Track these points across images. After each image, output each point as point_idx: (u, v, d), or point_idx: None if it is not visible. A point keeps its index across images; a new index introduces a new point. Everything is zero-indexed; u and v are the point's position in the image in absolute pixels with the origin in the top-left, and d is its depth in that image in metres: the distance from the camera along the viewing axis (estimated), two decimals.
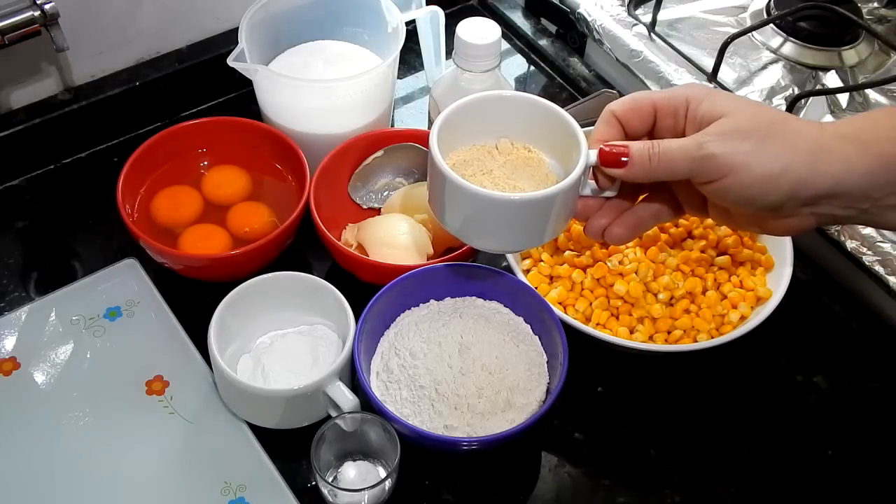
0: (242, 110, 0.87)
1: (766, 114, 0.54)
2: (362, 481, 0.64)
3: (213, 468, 0.66)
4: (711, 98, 0.55)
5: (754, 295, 0.71)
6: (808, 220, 0.56)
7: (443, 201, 0.60)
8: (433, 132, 0.59)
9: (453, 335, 0.67)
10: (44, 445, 0.67)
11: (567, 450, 0.69)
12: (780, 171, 0.53)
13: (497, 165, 0.63)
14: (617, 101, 0.58)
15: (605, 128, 0.58)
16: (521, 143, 0.64)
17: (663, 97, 0.57)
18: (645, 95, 0.57)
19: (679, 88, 0.57)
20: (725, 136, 0.53)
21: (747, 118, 0.53)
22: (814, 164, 0.53)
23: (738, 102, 0.55)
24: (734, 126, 0.53)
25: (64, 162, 0.87)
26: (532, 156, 0.63)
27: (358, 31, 0.87)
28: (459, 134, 0.62)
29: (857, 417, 0.72)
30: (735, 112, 0.54)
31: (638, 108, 0.57)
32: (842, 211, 0.54)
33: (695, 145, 0.53)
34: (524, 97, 0.63)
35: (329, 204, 0.77)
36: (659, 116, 0.57)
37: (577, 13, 0.95)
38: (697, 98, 0.55)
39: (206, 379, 0.71)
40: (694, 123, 0.55)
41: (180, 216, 0.78)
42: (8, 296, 0.76)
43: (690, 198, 0.59)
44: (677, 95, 0.56)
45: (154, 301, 0.76)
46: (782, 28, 0.90)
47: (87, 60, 0.86)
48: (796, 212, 0.55)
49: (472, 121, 0.62)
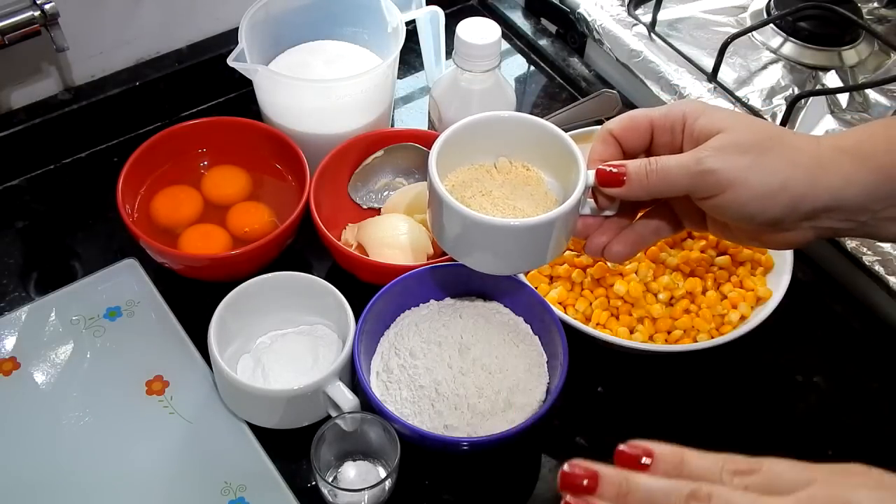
0: (242, 110, 0.87)
1: (764, 129, 0.54)
2: (362, 481, 0.64)
3: (213, 468, 0.66)
4: (708, 114, 0.55)
5: (754, 295, 0.71)
6: (807, 234, 0.56)
7: (442, 224, 0.61)
8: (432, 155, 0.60)
9: (453, 335, 0.67)
10: (44, 445, 0.67)
11: (567, 450, 0.69)
12: (779, 186, 0.53)
13: (496, 186, 0.63)
14: (613, 119, 0.58)
15: (603, 147, 0.58)
16: (519, 162, 0.64)
17: (660, 114, 0.57)
18: (641, 113, 0.58)
19: (675, 104, 0.57)
20: (723, 151, 0.53)
21: (745, 133, 0.53)
22: (812, 179, 0.53)
23: (736, 117, 0.55)
24: (732, 141, 0.53)
25: (64, 162, 0.87)
26: (531, 174, 0.64)
27: (358, 31, 0.87)
28: (458, 154, 0.63)
29: (857, 417, 0.72)
30: (733, 127, 0.54)
31: (635, 125, 0.57)
32: (841, 224, 0.54)
33: (693, 161, 0.53)
34: (522, 118, 0.64)
35: (329, 204, 0.77)
36: (656, 133, 0.57)
37: (577, 13, 0.95)
38: (694, 114, 0.55)
39: (206, 379, 0.71)
40: (691, 139, 0.55)
41: (180, 216, 0.78)
42: (8, 296, 0.76)
43: (689, 213, 0.59)
44: (674, 112, 0.56)
45: (154, 301, 0.76)
46: (782, 28, 0.90)
47: (87, 60, 0.86)
48: (795, 226, 0.55)
49: (470, 141, 0.63)
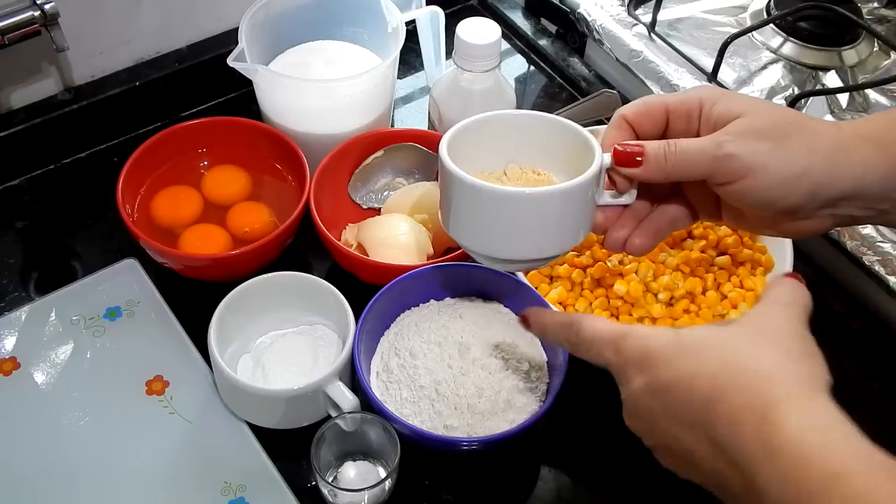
0: (242, 110, 0.87)
1: (783, 114, 0.53)
2: (362, 481, 0.64)
3: (213, 468, 0.66)
4: (726, 99, 0.54)
5: (754, 295, 0.71)
6: (825, 222, 0.55)
7: (453, 205, 0.57)
8: (443, 144, 0.57)
9: (453, 335, 0.67)
10: (44, 445, 0.67)
11: (567, 450, 0.69)
12: (800, 172, 0.52)
13: None
14: (628, 105, 0.57)
15: (616, 132, 0.57)
16: (529, 167, 0.61)
17: (676, 100, 0.56)
18: (657, 99, 0.56)
19: (691, 90, 0.56)
20: (743, 136, 0.52)
21: (764, 118, 0.52)
22: (833, 166, 0.52)
23: (754, 103, 0.54)
24: (752, 126, 0.52)
25: (64, 162, 0.87)
26: (541, 178, 0.61)
27: (358, 31, 0.87)
28: (466, 160, 0.59)
29: (857, 417, 0.72)
30: (751, 112, 0.53)
31: (649, 111, 0.56)
32: (860, 212, 0.54)
33: (713, 145, 0.52)
34: (530, 116, 0.61)
35: (329, 204, 0.77)
36: (671, 119, 0.56)
37: (577, 13, 0.95)
38: (711, 99, 0.54)
39: (206, 379, 0.71)
40: (708, 125, 0.54)
41: (180, 216, 0.78)
42: (8, 296, 0.76)
43: (704, 202, 0.58)
44: (690, 98, 0.55)
45: (154, 301, 0.76)
46: (782, 28, 0.90)
47: (87, 60, 0.86)
48: (814, 213, 0.54)
49: (478, 145, 0.60)
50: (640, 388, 0.48)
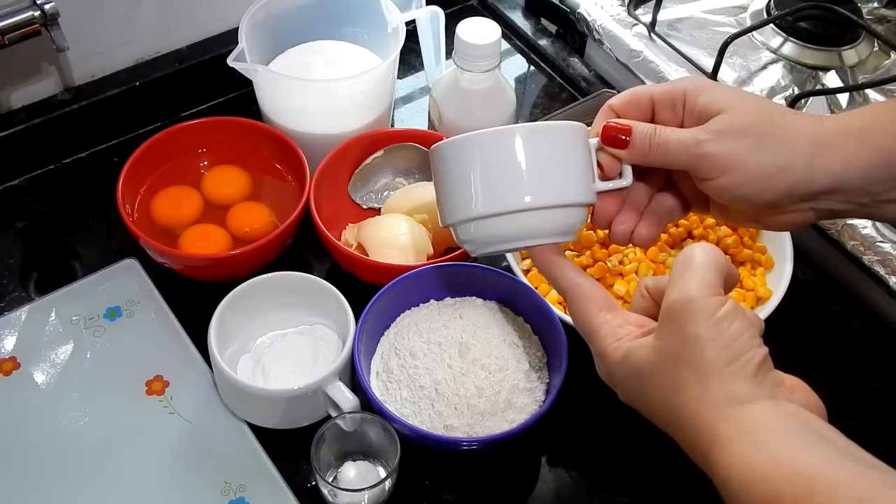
0: (242, 110, 0.87)
1: (766, 109, 0.54)
2: (362, 481, 0.64)
3: (213, 468, 0.66)
4: (711, 91, 0.55)
5: (754, 295, 0.71)
6: (806, 216, 0.56)
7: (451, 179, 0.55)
8: (437, 144, 0.55)
9: (453, 335, 0.67)
10: (44, 445, 0.67)
11: (567, 450, 0.69)
12: (777, 170, 0.52)
13: None
14: (616, 95, 0.58)
15: (604, 120, 0.58)
16: None
17: (661, 90, 0.57)
18: (643, 89, 0.57)
19: (677, 81, 0.57)
20: (723, 134, 0.53)
21: (746, 115, 0.53)
22: (812, 163, 0.53)
23: (738, 97, 0.55)
24: (732, 123, 0.53)
25: (64, 162, 0.87)
26: None
27: (358, 31, 0.87)
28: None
29: (857, 417, 0.72)
30: (734, 108, 0.53)
31: (636, 101, 0.57)
32: (841, 206, 0.55)
33: (693, 142, 0.53)
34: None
35: (329, 204, 0.77)
36: (657, 109, 0.57)
37: (577, 13, 0.95)
38: (696, 90, 0.55)
39: (206, 379, 0.71)
40: (693, 115, 0.55)
41: (180, 216, 0.78)
42: (8, 296, 0.76)
43: (695, 195, 0.59)
44: (675, 88, 0.56)
45: (154, 301, 0.76)
46: (782, 28, 0.90)
47: (87, 60, 0.86)
48: (794, 208, 0.55)
49: None
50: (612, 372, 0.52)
